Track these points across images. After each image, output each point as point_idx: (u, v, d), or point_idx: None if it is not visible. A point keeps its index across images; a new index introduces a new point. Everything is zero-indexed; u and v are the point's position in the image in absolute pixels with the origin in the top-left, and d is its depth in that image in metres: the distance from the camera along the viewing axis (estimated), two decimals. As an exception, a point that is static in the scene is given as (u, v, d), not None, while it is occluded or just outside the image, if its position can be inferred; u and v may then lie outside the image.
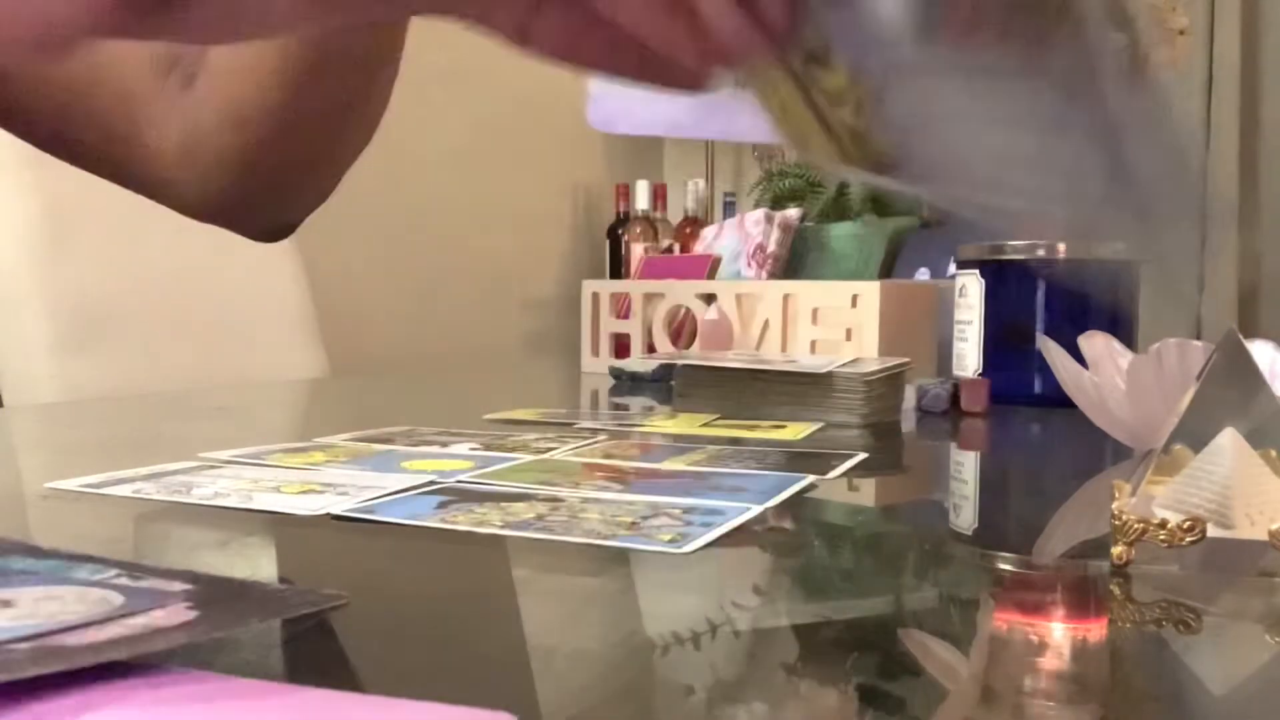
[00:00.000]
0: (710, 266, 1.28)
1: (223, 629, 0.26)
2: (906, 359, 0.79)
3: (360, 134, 0.53)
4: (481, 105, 2.15)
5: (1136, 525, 0.34)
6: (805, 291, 0.98)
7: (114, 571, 0.30)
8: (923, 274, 1.14)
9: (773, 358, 0.83)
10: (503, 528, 0.38)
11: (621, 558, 0.36)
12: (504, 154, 2.19)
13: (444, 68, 2.07)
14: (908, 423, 0.78)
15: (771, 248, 1.22)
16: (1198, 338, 0.69)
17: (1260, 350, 0.55)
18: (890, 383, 0.76)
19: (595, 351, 1.15)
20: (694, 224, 2.07)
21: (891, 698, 0.25)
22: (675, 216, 2.23)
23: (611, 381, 1.05)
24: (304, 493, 0.43)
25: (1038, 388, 0.85)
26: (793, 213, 1.24)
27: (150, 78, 0.51)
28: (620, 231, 2.23)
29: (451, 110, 2.07)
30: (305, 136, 0.50)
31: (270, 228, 0.57)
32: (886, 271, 1.16)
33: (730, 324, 1.02)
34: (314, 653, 0.27)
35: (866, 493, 0.53)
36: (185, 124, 0.50)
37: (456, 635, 0.29)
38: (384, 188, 1.97)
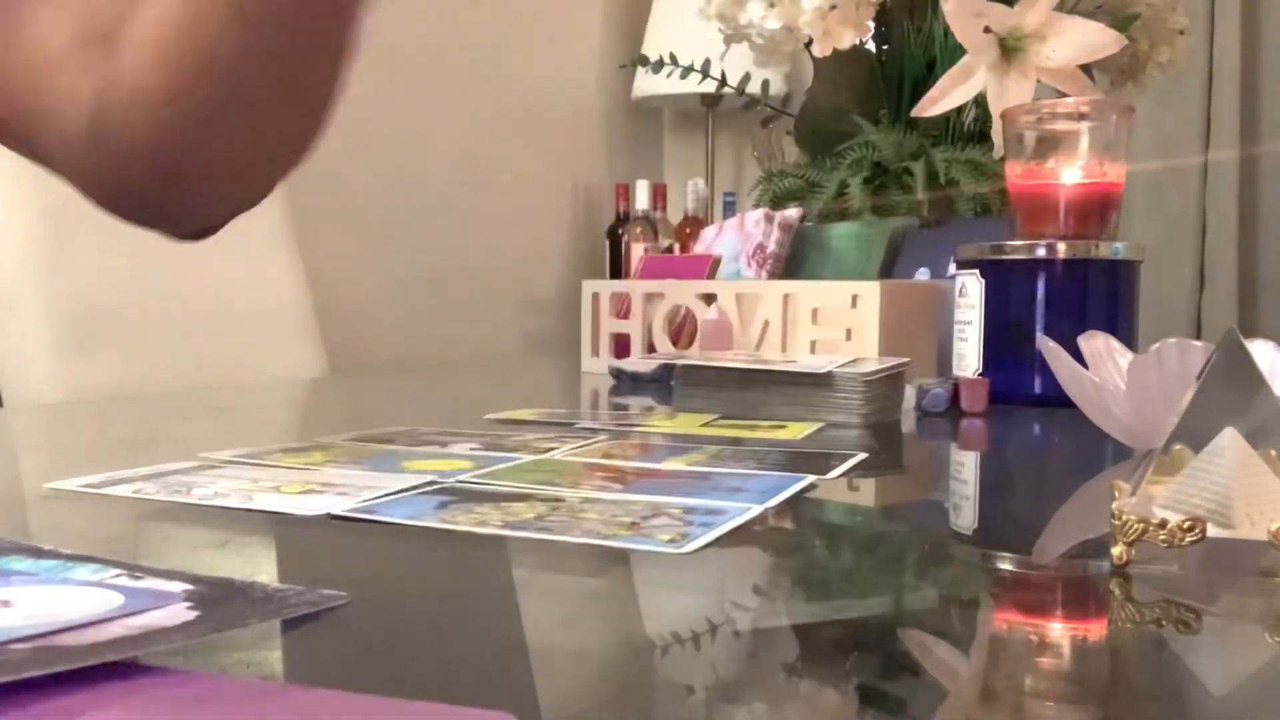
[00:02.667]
0: (710, 266, 1.28)
1: (223, 629, 0.26)
2: (906, 359, 0.79)
3: (293, 132, 0.47)
4: (482, 105, 2.14)
5: (1136, 525, 0.34)
6: (805, 291, 0.98)
7: (114, 571, 0.30)
8: (923, 274, 1.14)
9: (773, 358, 0.83)
10: (503, 528, 0.38)
11: (621, 558, 0.36)
12: (504, 154, 2.19)
13: (444, 67, 2.07)
14: (908, 423, 0.78)
15: (771, 248, 1.22)
16: (1198, 338, 0.69)
17: (1260, 350, 0.55)
18: (890, 383, 0.76)
19: (595, 351, 1.15)
20: (694, 224, 2.07)
21: (891, 698, 0.25)
22: (675, 216, 2.23)
23: (611, 381, 1.05)
24: (304, 493, 0.43)
25: (1038, 388, 0.85)
26: (793, 213, 1.24)
27: (70, 47, 0.46)
28: (620, 231, 2.23)
29: (452, 110, 2.07)
30: (228, 128, 0.45)
31: (188, 230, 0.52)
32: (886, 271, 1.16)
33: (730, 324, 1.02)
34: (314, 653, 0.27)
35: (866, 493, 0.53)
36: (98, 102, 0.45)
37: (456, 635, 0.29)
38: (384, 187, 1.97)
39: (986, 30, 0.96)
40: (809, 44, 1.10)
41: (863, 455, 0.57)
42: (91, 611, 0.26)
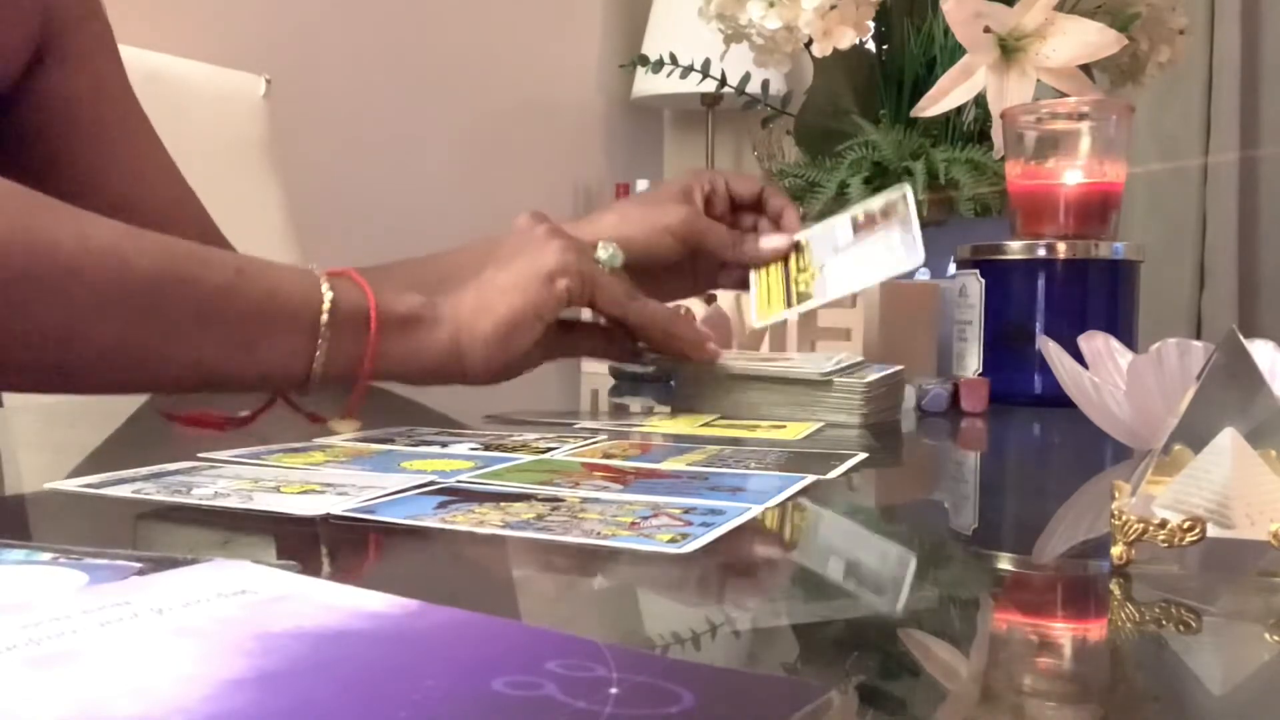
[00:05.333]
0: (710, 266, 1.28)
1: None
2: (900, 366, 0.79)
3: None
4: (482, 105, 2.14)
5: (1136, 525, 0.34)
6: (805, 291, 0.98)
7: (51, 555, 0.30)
8: (923, 274, 1.14)
9: (773, 358, 0.83)
10: (503, 528, 0.38)
11: (621, 558, 0.36)
12: (504, 154, 2.19)
13: (445, 67, 2.07)
14: (908, 423, 0.78)
15: (771, 248, 1.22)
16: (1198, 338, 0.69)
17: (1260, 350, 0.55)
18: (889, 383, 0.76)
19: (595, 351, 1.15)
20: (694, 224, 2.06)
21: (891, 698, 0.25)
22: (675, 216, 2.23)
23: (611, 381, 1.05)
24: (304, 493, 0.43)
25: (1038, 388, 0.85)
26: (793, 213, 1.23)
27: None
28: (620, 231, 2.22)
29: (452, 110, 2.07)
30: None
31: None
32: (886, 271, 1.16)
33: (730, 324, 1.02)
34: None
35: (866, 493, 0.53)
36: None
37: (456, 635, 0.29)
38: (385, 187, 1.97)
39: (986, 30, 0.96)
40: (809, 44, 1.10)
41: (863, 455, 0.57)
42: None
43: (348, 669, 0.21)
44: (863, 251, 0.79)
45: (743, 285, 0.84)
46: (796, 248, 0.84)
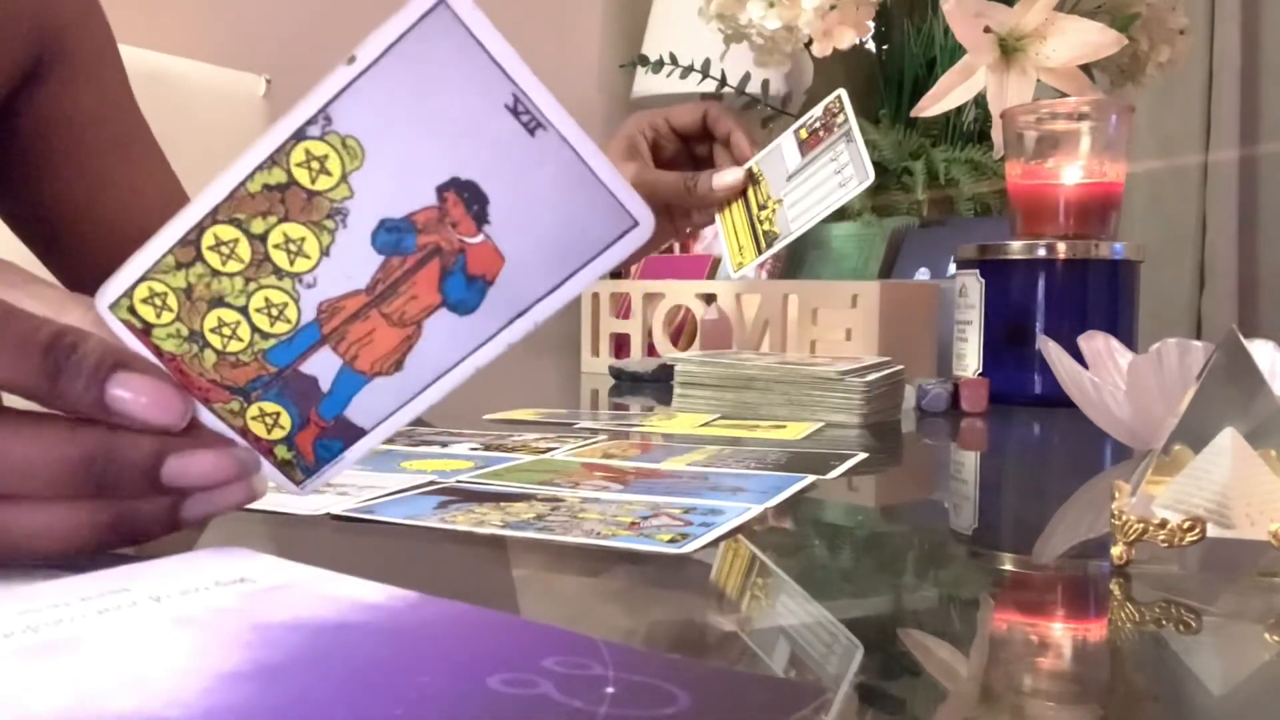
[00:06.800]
0: (710, 266, 1.28)
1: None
2: (900, 365, 0.79)
3: None
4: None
5: (1136, 525, 0.34)
6: (805, 291, 0.98)
7: None
8: (923, 274, 1.14)
9: (772, 358, 0.83)
10: (503, 528, 0.38)
11: (621, 558, 0.36)
12: (504, 154, 2.18)
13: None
14: (908, 423, 0.78)
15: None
16: (1198, 338, 0.69)
17: (1260, 350, 0.55)
18: (890, 383, 0.76)
19: (595, 351, 1.15)
20: (694, 224, 2.06)
21: (891, 698, 0.25)
22: (675, 216, 2.23)
23: (611, 381, 1.05)
24: (304, 492, 0.43)
25: (1038, 388, 0.85)
26: (793, 212, 1.23)
27: None
28: (620, 231, 2.22)
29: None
30: None
31: None
32: (886, 271, 1.16)
33: (730, 324, 1.02)
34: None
35: (866, 493, 0.53)
36: None
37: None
38: (384, 188, 1.96)
39: (986, 30, 0.95)
40: (809, 44, 1.10)
41: (863, 455, 0.57)
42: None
43: (345, 663, 0.21)
44: (815, 178, 0.81)
45: (711, 221, 0.88)
46: (751, 178, 0.85)
